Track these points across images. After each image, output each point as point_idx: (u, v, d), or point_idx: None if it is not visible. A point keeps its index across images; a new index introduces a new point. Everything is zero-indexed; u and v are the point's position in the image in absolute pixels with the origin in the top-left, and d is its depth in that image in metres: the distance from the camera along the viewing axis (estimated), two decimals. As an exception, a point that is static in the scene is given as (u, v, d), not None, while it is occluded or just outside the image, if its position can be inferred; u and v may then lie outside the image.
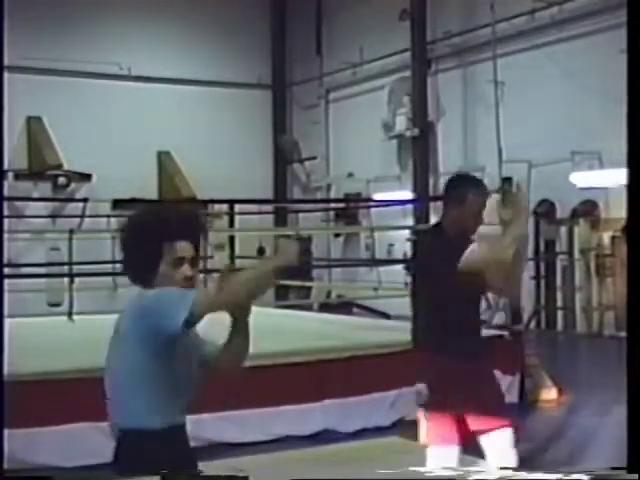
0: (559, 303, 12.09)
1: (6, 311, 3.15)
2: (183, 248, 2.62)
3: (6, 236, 10.09)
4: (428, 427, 3.96)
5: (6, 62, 3.50)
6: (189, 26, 15.68)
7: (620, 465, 2.32)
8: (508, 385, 7.07)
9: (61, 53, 14.33)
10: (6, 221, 10.75)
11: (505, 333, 7.51)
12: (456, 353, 3.79)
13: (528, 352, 7.45)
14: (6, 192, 12.85)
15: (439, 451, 3.87)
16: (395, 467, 2.73)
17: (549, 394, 7.26)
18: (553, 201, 11.86)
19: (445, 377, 3.83)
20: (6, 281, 3.34)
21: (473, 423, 3.83)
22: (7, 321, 3.23)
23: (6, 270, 9.77)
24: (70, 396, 5.43)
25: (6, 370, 3.14)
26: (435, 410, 3.92)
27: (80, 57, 14.50)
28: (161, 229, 2.62)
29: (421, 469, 2.94)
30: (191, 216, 2.77)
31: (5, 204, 12.33)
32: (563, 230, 12.00)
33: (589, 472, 2.27)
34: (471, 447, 3.89)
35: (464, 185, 3.90)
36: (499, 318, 9.31)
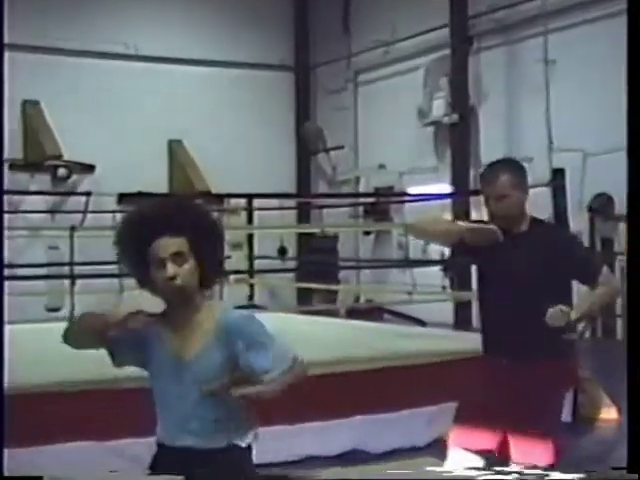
0: (618, 309, 11.97)
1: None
2: (163, 245, 2.61)
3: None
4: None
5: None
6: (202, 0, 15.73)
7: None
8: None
9: (59, 30, 14.34)
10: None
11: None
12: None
13: (582, 364, 7.37)
14: (0, 185, 12.96)
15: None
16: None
17: (607, 413, 7.17)
18: (611, 195, 11.75)
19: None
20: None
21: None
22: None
23: (1, 271, 9.83)
24: (74, 411, 5.44)
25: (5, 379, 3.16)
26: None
27: (81, 35, 14.54)
28: (142, 230, 2.63)
29: (435, 469, 3.09)
30: (178, 205, 2.75)
31: None
32: (622, 227, 11.88)
33: (589, 472, 2.45)
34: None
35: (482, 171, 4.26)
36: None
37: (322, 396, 6.10)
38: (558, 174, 8.16)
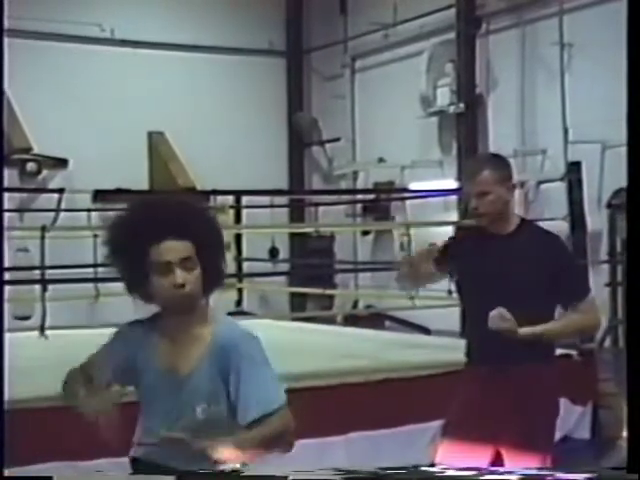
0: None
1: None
2: (170, 248, 2.60)
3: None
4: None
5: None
6: (185, -21, 15.72)
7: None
8: (578, 417, 7.00)
9: (23, 9, 14.15)
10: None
11: (573, 352, 7.44)
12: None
13: (603, 377, 7.35)
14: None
15: None
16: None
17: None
18: (631, 190, 11.76)
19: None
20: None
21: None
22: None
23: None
24: (42, 430, 5.43)
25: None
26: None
27: (49, 15, 14.47)
28: (143, 230, 2.62)
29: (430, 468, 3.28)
30: (182, 206, 2.76)
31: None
32: (645, 226, 11.88)
33: (589, 472, 2.57)
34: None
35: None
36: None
37: (315, 411, 6.09)
38: (574, 167, 8.17)
